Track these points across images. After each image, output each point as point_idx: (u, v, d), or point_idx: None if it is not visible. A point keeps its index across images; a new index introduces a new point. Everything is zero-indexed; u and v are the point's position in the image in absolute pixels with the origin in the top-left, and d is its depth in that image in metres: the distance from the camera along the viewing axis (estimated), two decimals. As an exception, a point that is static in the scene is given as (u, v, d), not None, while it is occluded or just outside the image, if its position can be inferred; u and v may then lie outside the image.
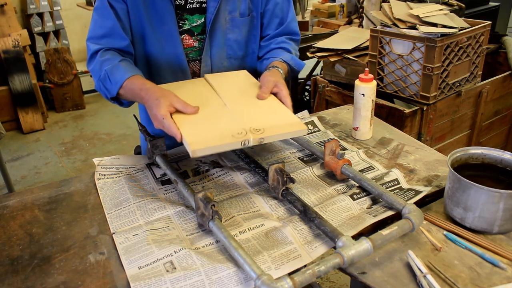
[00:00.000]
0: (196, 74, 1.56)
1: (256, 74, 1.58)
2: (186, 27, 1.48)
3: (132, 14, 1.42)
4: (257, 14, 1.55)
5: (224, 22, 1.49)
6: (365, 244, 0.96)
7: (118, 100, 1.40)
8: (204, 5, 1.46)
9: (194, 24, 1.49)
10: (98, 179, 1.32)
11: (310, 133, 1.57)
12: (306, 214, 1.09)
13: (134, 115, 1.60)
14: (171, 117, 1.19)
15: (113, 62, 1.34)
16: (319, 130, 1.58)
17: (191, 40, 1.51)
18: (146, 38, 1.46)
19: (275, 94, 1.33)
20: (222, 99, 1.31)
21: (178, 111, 1.21)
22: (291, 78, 1.61)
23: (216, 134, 1.14)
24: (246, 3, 1.51)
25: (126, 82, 1.31)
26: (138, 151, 1.76)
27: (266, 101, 1.30)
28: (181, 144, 1.16)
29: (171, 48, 1.47)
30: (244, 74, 1.50)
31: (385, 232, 1.00)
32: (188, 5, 1.46)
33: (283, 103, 1.30)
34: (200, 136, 1.13)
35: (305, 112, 1.70)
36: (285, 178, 1.17)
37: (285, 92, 1.32)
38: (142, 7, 1.41)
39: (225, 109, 1.26)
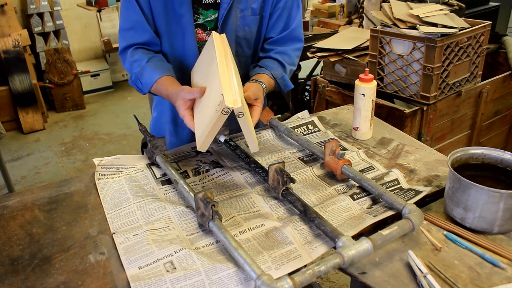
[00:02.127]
0: None
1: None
2: (200, 21, 1.53)
3: (153, 6, 1.48)
4: (266, 14, 1.57)
5: (235, 20, 1.52)
6: (365, 244, 0.96)
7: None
8: (218, 1, 1.50)
9: (208, 19, 1.53)
10: (98, 179, 1.32)
11: (310, 133, 1.57)
12: (306, 214, 1.09)
13: (134, 115, 1.61)
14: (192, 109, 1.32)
15: (141, 64, 1.47)
16: (319, 130, 1.58)
17: (203, 35, 1.55)
18: (164, 29, 1.52)
19: (249, 106, 1.35)
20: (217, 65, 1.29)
21: (194, 100, 1.31)
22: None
23: (207, 117, 1.20)
24: (259, 2, 1.53)
25: (154, 86, 1.44)
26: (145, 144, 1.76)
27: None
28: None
29: (186, 41, 1.52)
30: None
31: (385, 232, 1.00)
32: (204, 0, 1.50)
33: (252, 117, 1.32)
34: (201, 132, 1.21)
35: (305, 112, 1.70)
36: (285, 178, 1.17)
37: (257, 111, 1.35)
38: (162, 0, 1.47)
39: (216, 81, 1.25)
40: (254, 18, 1.55)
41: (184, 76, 1.56)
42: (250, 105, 1.35)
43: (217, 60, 1.26)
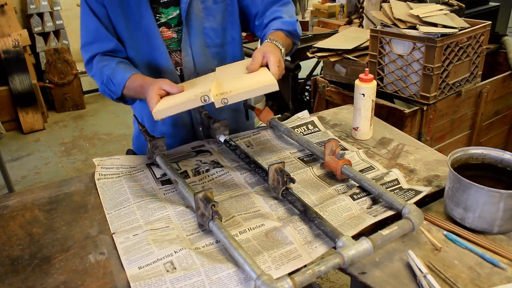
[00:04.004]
0: (178, 64, 1.57)
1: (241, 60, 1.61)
2: (162, 20, 1.52)
3: (112, 15, 1.48)
4: (231, 0, 1.55)
5: (198, 12, 1.51)
6: (365, 244, 0.96)
7: (123, 99, 1.50)
8: None
9: (170, 17, 1.52)
10: (98, 179, 1.32)
11: (310, 133, 1.57)
12: (306, 214, 1.09)
13: (134, 115, 1.61)
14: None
15: (111, 66, 1.45)
16: (319, 130, 1.58)
17: (169, 32, 1.53)
18: (126, 36, 1.52)
19: (266, 66, 1.32)
20: (213, 81, 1.30)
21: (167, 94, 1.30)
22: (296, 43, 1.59)
23: (181, 99, 1.21)
24: None
25: (127, 82, 1.42)
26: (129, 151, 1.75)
27: (253, 73, 1.30)
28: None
29: (152, 42, 1.51)
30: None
31: (385, 232, 1.00)
32: None
33: (269, 69, 1.29)
34: (166, 104, 1.22)
35: (305, 112, 1.70)
36: (285, 178, 1.17)
37: (272, 59, 1.30)
38: (118, 5, 1.46)
39: (207, 86, 1.26)
40: (217, 6, 1.53)
41: (152, 75, 1.52)
42: (266, 65, 1.32)
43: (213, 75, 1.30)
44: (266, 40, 1.43)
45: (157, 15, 1.50)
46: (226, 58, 1.62)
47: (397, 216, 1.10)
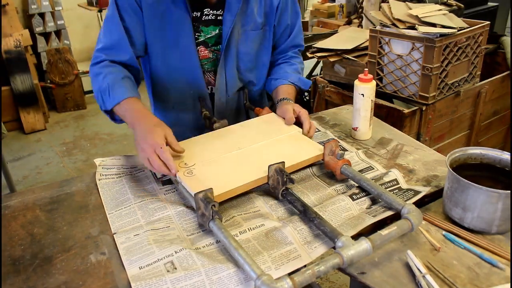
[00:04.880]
0: (210, 84, 1.59)
1: (264, 88, 1.72)
2: (201, 39, 1.52)
3: (148, 28, 1.46)
4: (270, 27, 1.59)
5: (237, 35, 1.52)
6: (364, 244, 0.96)
7: (111, 114, 1.42)
8: (219, 18, 1.49)
9: (209, 36, 1.52)
10: (99, 179, 1.33)
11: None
12: (306, 214, 1.10)
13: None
14: None
15: (116, 77, 1.38)
16: (319, 131, 1.59)
17: (206, 52, 1.54)
18: (158, 50, 1.51)
19: (297, 118, 1.46)
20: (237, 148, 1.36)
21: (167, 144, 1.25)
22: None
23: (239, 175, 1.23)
24: (262, 17, 1.54)
25: (125, 101, 1.34)
26: None
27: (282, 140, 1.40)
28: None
29: (188, 59, 1.52)
30: (269, 117, 1.55)
31: (384, 232, 1.00)
32: (204, 17, 1.49)
33: (302, 122, 1.45)
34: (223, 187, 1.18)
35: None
36: (285, 178, 1.17)
37: (304, 114, 1.46)
38: (158, 19, 1.45)
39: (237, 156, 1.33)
40: (256, 32, 1.55)
41: (182, 95, 1.59)
42: (297, 118, 1.47)
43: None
44: (285, 100, 1.55)
45: (196, 33, 1.50)
46: (252, 82, 1.67)
47: (396, 216, 1.10)
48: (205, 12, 1.49)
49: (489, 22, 2.27)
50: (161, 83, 1.59)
